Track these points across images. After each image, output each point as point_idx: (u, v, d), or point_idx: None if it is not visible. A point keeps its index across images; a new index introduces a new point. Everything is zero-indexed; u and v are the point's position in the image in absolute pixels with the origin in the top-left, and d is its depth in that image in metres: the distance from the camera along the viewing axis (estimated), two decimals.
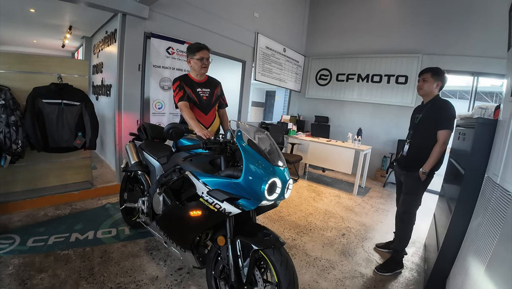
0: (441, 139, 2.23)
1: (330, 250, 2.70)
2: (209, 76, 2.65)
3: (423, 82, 2.38)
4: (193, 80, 2.52)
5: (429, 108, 2.36)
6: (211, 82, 2.62)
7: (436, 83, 2.33)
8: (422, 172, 2.28)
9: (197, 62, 2.42)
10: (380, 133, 5.85)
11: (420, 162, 2.31)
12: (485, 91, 12.85)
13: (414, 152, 2.42)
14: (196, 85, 2.51)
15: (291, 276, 1.39)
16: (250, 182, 1.36)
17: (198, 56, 2.40)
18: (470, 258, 1.59)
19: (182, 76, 2.57)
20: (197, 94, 2.50)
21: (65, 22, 4.96)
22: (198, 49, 2.40)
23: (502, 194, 1.34)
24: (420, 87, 2.43)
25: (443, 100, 2.34)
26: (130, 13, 3.29)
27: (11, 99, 2.58)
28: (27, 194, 2.93)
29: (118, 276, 1.97)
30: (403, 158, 2.52)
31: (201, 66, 2.43)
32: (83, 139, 3.08)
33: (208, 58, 2.45)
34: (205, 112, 2.57)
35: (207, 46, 2.47)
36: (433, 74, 2.33)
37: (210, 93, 2.57)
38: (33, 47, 7.72)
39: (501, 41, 2.62)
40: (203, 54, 2.40)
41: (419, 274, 2.43)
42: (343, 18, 6.32)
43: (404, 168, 2.49)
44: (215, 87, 2.62)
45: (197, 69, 2.46)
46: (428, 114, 2.34)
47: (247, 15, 5.14)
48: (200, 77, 2.55)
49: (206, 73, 2.55)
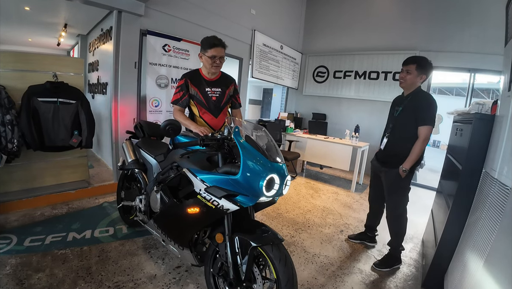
0: (422, 136, 2.13)
1: (329, 246, 2.70)
2: (222, 73, 2.37)
3: (406, 74, 2.20)
4: (203, 78, 2.27)
5: (409, 101, 2.23)
6: (223, 81, 2.35)
7: (420, 76, 2.17)
8: (402, 170, 2.19)
9: (207, 60, 2.14)
10: (377, 130, 5.85)
11: (399, 158, 2.22)
12: (482, 88, 12.93)
13: (393, 147, 2.33)
14: (205, 83, 2.26)
15: (290, 273, 1.39)
16: (248, 178, 1.35)
17: (210, 54, 2.11)
18: (468, 253, 1.60)
19: (191, 72, 2.34)
20: (205, 94, 2.25)
21: (60, 20, 4.93)
22: (211, 45, 2.10)
23: (500, 188, 1.35)
24: (402, 79, 2.24)
25: (425, 94, 2.22)
26: (126, 10, 3.26)
27: (6, 98, 2.55)
28: (23, 194, 2.91)
29: (116, 275, 1.96)
30: (381, 153, 2.44)
31: (212, 65, 2.15)
32: (79, 138, 3.06)
33: (222, 57, 2.15)
34: (215, 114, 2.31)
35: (223, 42, 2.17)
36: (418, 67, 2.15)
37: (221, 93, 2.30)
38: (28, 46, 7.66)
39: (497, 37, 2.62)
40: (216, 52, 2.10)
41: (417, 269, 2.44)
42: (340, 15, 6.32)
43: (383, 164, 2.40)
44: (227, 86, 2.35)
45: (207, 67, 2.19)
46: (408, 108, 2.21)
47: (244, 12, 5.11)
48: (212, 75, 2.28)
49: (216, 72, 2.27)
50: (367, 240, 2.80)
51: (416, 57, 2.21)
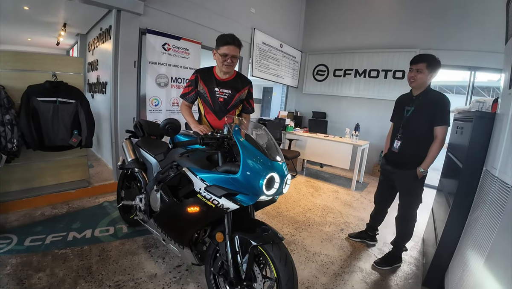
0: (440, 136, 2.08)
1: (329, 245, 2.70)
2: (238, 73, 2.28)
3: (417, 73, 2.13)
4: (214, 76, 2.19)
5: (422, 100, 2.17)
6: (236, 82, 2.24)
7: (431, 74, 2.12)
8: (421, 171, 2.14)
9: (219, 58, 2.08)
10: (377, 129, 5.85)
11: (415, 159, 2.18)
12: (482, 86, 12.90)
13: (407, 148, 2.25)
14: (216, 83, 2.18)
15: (290, 272, 1.38)
16: (248, 177, 1.35)
17: (222, 52, 2.04)
18: (469, 251, 1.60)
19: (205, 68, 2.27)
20: (213, 94, 2.18)
21: (59, 19, 4.91)
22: (224, 43, 2.03)
23: (501, 186, 1.34)
24: (412, 79, 2.16)
25: (437, 93, 2.16)
26: (125, 9, 3.25)
27: (5, 98, 2.54)
28: (23, 194, 2.91)
29: (116, 274, 1.96)
30: (395, 155, 2.35)
31: (223, 64, 2.07)
32: (79, 137, 3.05)
33: (234, 55, 2.06)
34: (219, 116, 2.22)
35: (238, 41, 2.08)
36: (428, 65, 2.09)
37: (229, 96, 2.20)
38: (27, 46, 7.65)
39: (498, 35, 2.62)
40: (228, 50, 2.02)
41: (418, 268, 2.44)
42: (340, 13, 6.30)
43: (396, 166, 2.33)
44: (239, 89, 2.24)
45: (219, 65, 2.13)
46: (421, 108, 2.15)
47: (243, 11, 5.09)
48: (224, 75, 2.19)
49: (229, 72, 2.17)
50: (368, 239, 2.80)
51: (425, 56, 2.13)
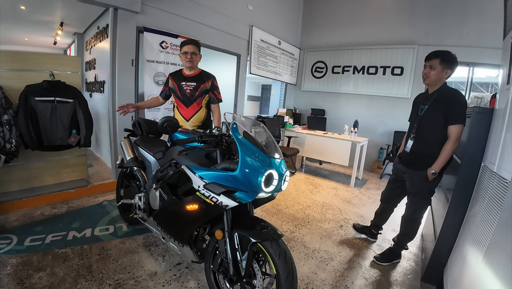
0: (454, 135, 1.96)
1: (328, 241, 2.71)
2: (202, 71, 2.71)
3: (430, 70, 2.05)
4: (182, 74, 2.67)
5: (436, 98, 2.08)
6: (200, 77, 2.67)
7: (445, 71, 2.02)
8: (432, 173, 2.04)
9: (181, 56, 2.58)
10: (376, 125, 5.86)
11: (427, 159, 2.09)
12: (481, 82, 12.89)
13: (420, 148, 2.18)
14: (183, 79, 2.65)
15: (290, 268, 1.39)
16: (247, 174, 1.35)
17: (183, 51, 2.54)
18: (467, 247, 1.60)
19: (176, 71, 2.77)
20: (181, 87, 2.64)
21: (56, 18, 4.89)
22: (183, 44, 2.55)
23: (499, 181, 1.35)
24: (425, 76, 2.09)
25: (453, 90, 2.06)
26: (122, 7, 3.23)
27: (3, 98, 2.53)
28: (23, 194, 2.90)
29: (116, 272, 1.96)
30: (407, 155, 2.28)
31: (185, 60, 2.55)
32: (78, 136, 3.05)
33: (193, 52, 2.53)
34: (186, 105, 2.67)
35: (195, 41, 2.62)
36: (442, 61, 2.01)
37: (194, 87, 2.63)
38: (24, 45, 7.61)
39: (496, 31, 2.61)
40: (187, 48, 2.51)
41: (417, 263, 2.45)
42: (338, 10, 6.28)
43: (408, 166, 2.26)
44: (203, 81, 2.65)
45: (183, 63, 2.60)
46: (435, 106, 2.07)
47: (241, 8, 5.07)
48: (189, 71, 2.65)
49: (190, 66, 2.60)
50: (369, 235, 2.81)
51: (439, 51, 2.06)
